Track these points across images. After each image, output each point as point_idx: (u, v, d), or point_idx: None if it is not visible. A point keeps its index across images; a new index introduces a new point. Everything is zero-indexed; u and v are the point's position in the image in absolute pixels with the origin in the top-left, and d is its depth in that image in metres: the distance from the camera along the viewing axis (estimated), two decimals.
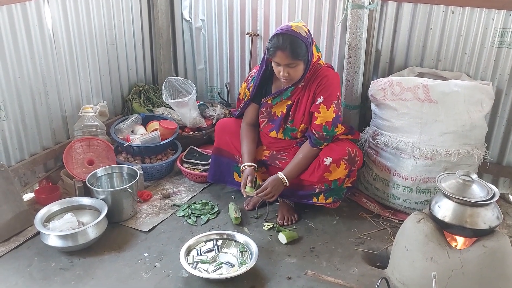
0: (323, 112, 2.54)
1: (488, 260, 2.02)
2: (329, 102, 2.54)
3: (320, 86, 2.55)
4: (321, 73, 2.56)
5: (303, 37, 2.43)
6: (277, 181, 2.56)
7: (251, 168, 2.63)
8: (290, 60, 2.41)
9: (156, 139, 3.15)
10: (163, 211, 2.82)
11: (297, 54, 2.41)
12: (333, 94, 2.55)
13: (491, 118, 2.91)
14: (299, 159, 2.61)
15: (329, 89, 2.54)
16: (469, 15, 2.79)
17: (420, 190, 2.68)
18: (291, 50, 2.39)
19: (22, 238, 2.53)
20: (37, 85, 2.90)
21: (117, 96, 3.63)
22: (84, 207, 2.65)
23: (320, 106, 2.55)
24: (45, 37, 2.88)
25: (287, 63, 2.42)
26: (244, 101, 2.81)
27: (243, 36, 3.58)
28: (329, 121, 2.55)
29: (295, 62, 2.43)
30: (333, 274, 2.30)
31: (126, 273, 2.32)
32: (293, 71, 2.46)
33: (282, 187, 2.58)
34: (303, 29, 2.46)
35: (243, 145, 2.72)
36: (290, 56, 2.40)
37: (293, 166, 2.61)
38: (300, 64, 2.45)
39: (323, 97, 2.54)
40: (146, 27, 3.76)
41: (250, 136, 2.75)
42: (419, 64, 3.04)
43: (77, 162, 2.89)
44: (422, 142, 2.62)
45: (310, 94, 2.58)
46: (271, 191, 2.55)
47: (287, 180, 2.57)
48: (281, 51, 2.39)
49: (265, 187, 2.55)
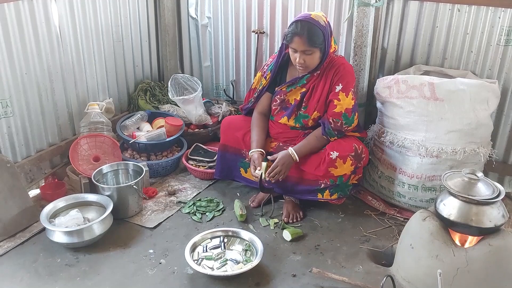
0: (342, 99, 2.55)
1: (494, 259, 2.02)
2: (347, 90, 2.56)
3: (337, 74, 2.57)
4: (338, 61, 2.60)
5: (321, 25, 2.46)
6: (287, 157, 2.56)
7: (258, 153, 2.63)
8: (307, 47, 2.44)
9: (161, 136, 3.16)
10: (168, 208, 2.83)
11: (314, 41, 2.44)
12: (350, 81, 2.59)
13: (497, 117, 2.90)
14: (312, 139, 2.63)
15: (347, 77, 2.57)
16: (476, 13, 2.78)
17: (425, 188, 2.68)
18: (308, 36, 2.42)
19: (28, 234, 2.55)
20: (44, 82, 2.91)
21: (123, 93, 3.64)
22: (90, 204, 2.67)
23: (339, 93, 2.56)
24: (52, 34, 2.89)
25: (304, 49, 2.45)
26: (258, 90, 2.82)
27: (249, 34, 3.58)
28: (348, 108, 2.56)
29: (311, 49, 2.46)
30: (338, 272, 2.30)
31: (131, 269, 2.33)
32: (309, 59, 2.49)
33: (292, 163, 2.57)
34: (322, 18, 2.50)
35: (253, 133, 2.73)
36: (307, 42, 2.43)
37: (304, 143, 2.62)
38: (316, 52, 2.48)
39: (341, 85, 2.56)
40: (153, 24, 3.77)
41: (261, 125, 2.77)
42: (425, 62, 3.03)
43: (83, 158, 2.90)
44: (428, 140, 2.62)
45: (327, 81, 2.60)
46: (281, 168, 2.55)
47: (297, 156, 2.56)
48: (298, 37, 2.43)
49: (275, 165, 2.55)
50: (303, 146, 2.62)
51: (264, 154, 2.65)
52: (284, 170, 2.56)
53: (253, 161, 2.62)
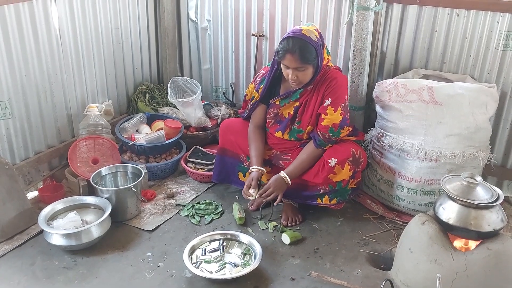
0: (330, 114, 2.54)
1: (493, 263, 2.02)
2: (336, 105, 2.54)
3: (328, 88, 2.55)
4: (330, 76, 2.56)
5: (313, 41, 2.41)
6: (280, 181, 2.55)
7: (258, 172, 2.60)
8: (299, 64, 2.41)
9: (160, 139, 3.16)
10: (167, 211, 2.82)
11: (306, 58, 2.40)
12: (341, 96, 2.55)
13: (495, 121, 2.91)
14: (303, 159, 2.60)
15: (338, 91, 2.54)
16: (474, 18, 2.79)
17: (424, 192, 2.68)
18: (300, 54, 2.38)
19: (26, 237, 2.54)
20: (43, 84, 2.91)
21: (122, 95, 3.64)
22: (88, 206, 2.66)
23: (327, 108, 2.55)
24: (51, 36, 2.89)
25: (296, 66, 2.42)
26: (251, 103, 2.80)
27: (248, 37, 3.59)
28: (336, 123, 2.55)
29: (304, 66, 2.42)
30: (337, 276, 2.30)
31: (130, 272, 2.33)
32: (301, 75, 2.46)
33: (285, 186, 2.57)
34: (314, 33, 2.45)
35: (252, 148, 2.71)
36: (299, 60, 2.39)
37: (296, 165, 2.60)
38: (309, 68, 2.45)
39: (331, 99, 2.54)
40: (152, 27, 3.77)
41: (259, 139, 2.74)
42: (424, 66, 3.03)
43: (81, 160, 2.90)
44: (427, 144, 2.62)
45: (319, 96, 2.58)
46: (274, 191, 2.54)
47: (290, 179, 2.56)
48: (290, 54, 2.39)
49: (267, 187, 2.55)
50: (295, 168, 2.59)
51: (263, 172, 2.63)
52: (277, 193, 2.54)
53: (250, 180, 2.58)
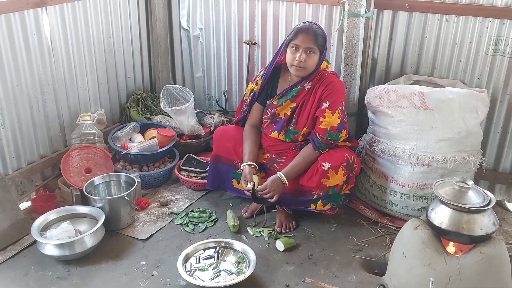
0: (328, 117, 2.58)
1: (485, 266, 2.03)
2: (334, 108, 2.58)
3: (326, 91, 2.60)
4: (328, 79, 2.63)
5: (324, 32, 2.59)
6: (276, 181, 2.56)
7: (250, 167, 2.63)
8: (311, 44, 2.51)
9: (154, 147, 3.16)
10: (160, 219, 2.81)
11: (317, 41, 2.53)
12: (338, 100, 2.60)
13: (486, 125, 2.93)
14: (300, 160, 2.62)
15: (335, 94, 2.60)
16: (464, 24, 2.82)
17: (417, 197, 2.69)
18: (313, 35, 2.52)
19: (19, 247, 2.52)
20: (35, 93, 2.91)
21: (115, 104, 3.64)
22: (81, 216, 2.65)
23: (325, 111, 2.58)
24: (43, 45, 2.89)
25: (307, 46, 2.51)
26: (250, 96, 2.81)
27: (240, 44, 3.60)
28: (334, 126, 2.57)
29: (313, 48, 2.52)
30: (331, 282, 2.30)
31: (124, 281, 2.32)
32: (308, 58, 2.52)
33: (281, 187, 2.58)
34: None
35: (245, 146, 2.73)
36: (312, 40, 2.51)
37: (293, 166, 2.62)
38: (316, 53, 2.54)
39: (329, 102, 2.58)
40: (144, 36, 3.77)
41: (253, 138, 2.76)
42: (415, 71, 3.06)
43: (74, 170, 2.89)
44: (419, 149, 2.63)
45: (316, 98, 2.62)
46: (270, 191, 2.55)
47: (286, 180, 2.57)
48: (304, 33, 2.51)
49: (264, 187, 2.56)
50: (291, 168, 2.61)
51: (256, 167, 2.65)
52: (273, 193, 2.55)
53: (245, 176, 2.61)
